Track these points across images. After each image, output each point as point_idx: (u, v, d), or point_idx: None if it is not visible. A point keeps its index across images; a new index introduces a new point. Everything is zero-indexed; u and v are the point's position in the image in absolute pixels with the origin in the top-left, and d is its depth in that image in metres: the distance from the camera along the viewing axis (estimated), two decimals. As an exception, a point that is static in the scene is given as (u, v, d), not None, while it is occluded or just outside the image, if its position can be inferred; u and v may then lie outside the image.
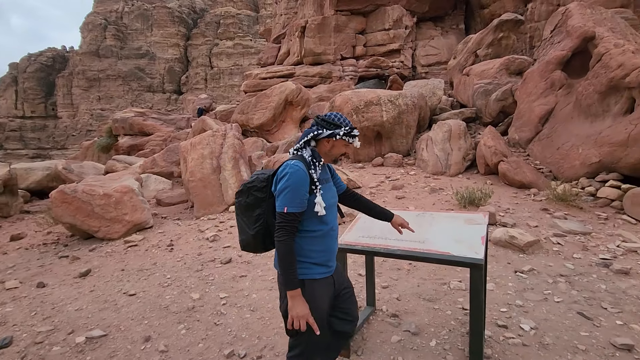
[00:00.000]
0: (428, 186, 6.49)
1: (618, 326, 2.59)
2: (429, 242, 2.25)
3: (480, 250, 2.05)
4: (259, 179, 1.75)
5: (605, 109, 5.82)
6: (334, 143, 1.74)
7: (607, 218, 4.77)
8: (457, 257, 2.05)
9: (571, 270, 3.44)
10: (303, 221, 1.65)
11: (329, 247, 1.76)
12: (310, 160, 1.68)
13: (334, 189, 1.87)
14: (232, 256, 4.29)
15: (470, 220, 2.44)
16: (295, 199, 1.57)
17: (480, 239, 2.18)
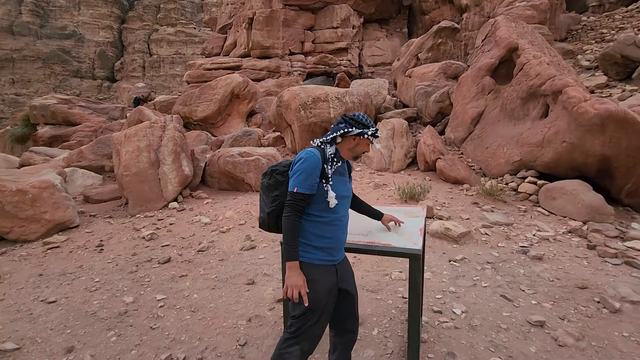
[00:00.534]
0: (372, 182, 6.72)
1: (533, 305, 2.92)
2: (371, 235, 2.32)
3: (418, 242, 2.16)
4: (282, 164, 1.90)
5: (526, 113, 6.51)
6: (359, 141, 1.85)
7: (526, 210, 5.35)
8: (397, 249, 2.14)
9: (496, 258, 3.80)
10: (312, 205, 1.75)
11: (335, 235, 1.82)
12: (330, 156, 1.79)
13: (349, 184, 1.96)
14: (172, 255, 4.04)
15: (410, 213, 2.57)
16: (306, 181, 1.69)
17: (419, 231, 2.30)
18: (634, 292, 3.00)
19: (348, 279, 1.99)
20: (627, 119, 4.73)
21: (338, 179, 1.83)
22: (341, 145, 1.86)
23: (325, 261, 1.79)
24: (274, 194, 1.86)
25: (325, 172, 1.75)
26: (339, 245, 1.89)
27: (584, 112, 5.06)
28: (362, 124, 1.83)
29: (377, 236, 2.30)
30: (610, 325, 2.63)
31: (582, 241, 4.26)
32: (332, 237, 1.81)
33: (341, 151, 1.87)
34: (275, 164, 1.93)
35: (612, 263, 3.67)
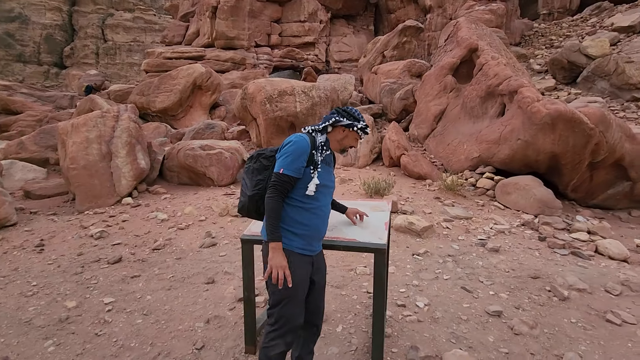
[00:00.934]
0: (338, 177, 6.70)
1: (491, 296, 3.01)
2: (336, 230, 2.25)
3: (383, 236, 2.12)
4: (270, 148, 1.86)
5: (484, 112, 6.78)
6: (348, 134, 1.82)
7: (484, 205, 5.57)
8: (362, 244, 2.09)
9: (457, 251, 3.90)
10: (296, 190, 1.70)
11: (314, 224, 1.76)
12: (320, 144, 1.75)
13: (333, 175, 1.92)
14: (123, 254, 3.74)
15: (376, 207, 2.53)
16: (293, 163, 1.65)
17: (384, 225, 2.26)
18: (580, 281, 3.20)
19: (321, 272, 1.96)
20: (575, 118, 5.04)
21: (325, 168, 1.80)
22: (331, 136, 1.83)
23: (304, 250, 1.74)
24: (257, 178, 1.79)
25: (314, 158, 1.71)
26: (318, 235, 1.84)
27: (536, 111, 5.34)
28: (352, 116, 1.82)
29: (341, 231, 2.23)
30: (560, 313, 2.77)
31: (534, 233, 4.50)
32: (311, 226, 1.75)
33: (330, 142, 1.83)
34: (262, 149, 1.88)
35: (561, 254, 3.89)
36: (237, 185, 6.58)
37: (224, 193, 6.02)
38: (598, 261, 3.75)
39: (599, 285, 3.19)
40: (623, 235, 4.72)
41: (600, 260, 3.79)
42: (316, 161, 1.70)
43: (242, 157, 6.93)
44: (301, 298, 1.74)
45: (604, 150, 5.25)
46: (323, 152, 1.75)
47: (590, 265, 3.61)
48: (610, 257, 3.82)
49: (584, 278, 3.28)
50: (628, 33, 15.02)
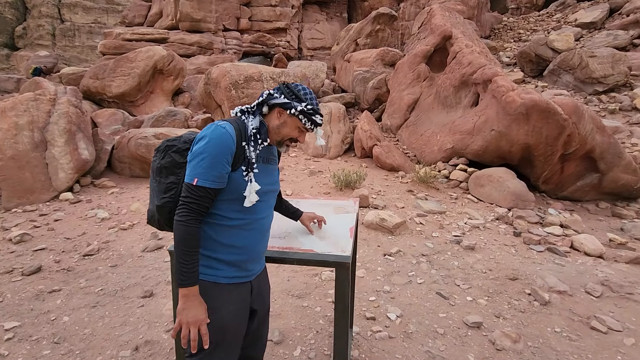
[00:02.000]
0: (308, 169, 6.24)
1: (469, 303, 2.70)
2: (290, 238, 1.79)
3: (347, 247, 1.69)
4: (183, 138, 1.31)
5: (458, 101, 6.51)
6: (286, 119, 1.29)
7: (457, 198, 5.32)
8: (321, 256, 1.65)
9: (431, 250, 3.57)
10: (219, 202, 1.22)
11: (251, 243, 1.30)
12: (252, 132, 1.25)
13: (276, 175, 1.46)
14: (45, 263, 3.11)
15: (340, 208, 2.09)
16: (210, 170, 1.14)
17: (349, 231, 1.84)
18: (560, 282, 2.95)
19: (262, 297, 1.48)
20: (549, 109, 4.84)
21: (263, 168, 1.32)
22: (267, 119, 1.32)
23: (237, 278, 1.29)
24: (169, 181, 1.28)
25: (245, 155, 1.22)
26: (257, 255, 1.36)
27: (511, 101, 5.10)
28: (294, 93, 1.27)
29: (296, 239, 1.78)
30: (543, 320, 2.49)
31: (509, 228, 4.27)
32: (246, 247, 1.29)
33: (268, 130, 1.32)
34: (173, 138, 1.34)
35: (537, 250, 3.66)
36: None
37: (181, 187, 5.41)
38: (574, 257, 3.55)
39: (579, 285, 2.96)
40: (594, 229, 4.60)
41: (576, 256, 3.59)
42: (249, 159, 1.21)
43: (203, 147, 6.30)
44: (234, 343, 1.27)
45: (576, 142, 5.10)
46: (258, 145, 1.25)
47: (567, 263, 3.40)
48: (586, 253, 3.63)
49: (562, 278, 3.04)
50: (590, 29, 15.41)
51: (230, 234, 1.24)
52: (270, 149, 1.39)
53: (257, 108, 1.28)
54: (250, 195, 1.20)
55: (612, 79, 10.95)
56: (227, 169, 1.17)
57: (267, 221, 1.36)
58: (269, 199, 1.36)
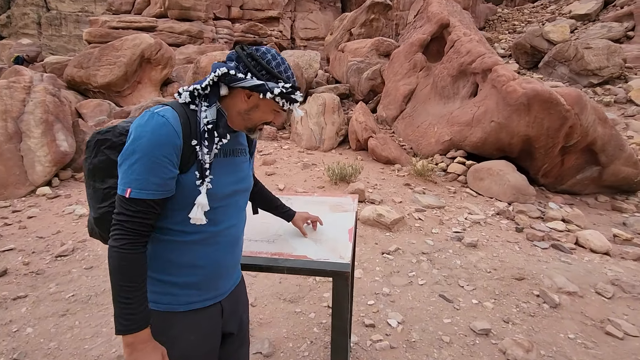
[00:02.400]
0: (301, 161, 5.98)
1: (474, 306, 2.49)
2: (281, 242, 1.54)
3: (346, 253, 1.45)
4: (118, 129, 0.99)
5: (456, 92, 6.27)
6: (258, 102, 0.98)
7: (455, 191, 5.11)
8: (316, 264, 1.40)
9: (431, 247, 3.36)
10: (169, 213, 0.93)
11: (216, 260, 1.02)
12: (206, 127, 0.93)
13: (246, 168, 1.13)
14: (12, 265, 2.82)
15: (337, 206, 1.85)
16: (148, 175, 0.85)
17: (348, 234, 1.59)
18: (568, 282, 2.76)
19: (238, 316, 1.19)
20: (552, 99, 4.63)
21: (226, 164, 1.02)
22: (228, 103, 0.99)
23: (200, 302, 1.01)
24: (106, 186, 0.98)
25: (197, 156, 0.92)
26: (225, 271, 1.09)
27: (512, 90, 4.88)
28: (267, 70, 0.95)
29: (288, 243, 1.54)
30: (554, 325, 2.30)
31: (511, 224, 4.08)
32: (211, 264, 1.01)
33: (229, 114, 1.01)
34: (105, 129, 1.02)
35: (541, 247, 3.48)
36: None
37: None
38: (580, 255, 3.37)
39: (589, 285, 2.77)
40: (596, 223, 4.44)
41: (582, 253, 3.41)
42: (202, 162, 0.92)
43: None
44: None
45: (578, 134, 4.91)
46: (216, 141, 0.95)
47: (573, 261, 3.22)
48: (592, 250, 3.46)
49: (571, 277, 2.85)
50: (584, 21, 15.24)
51: (188, 251, 0.96)
52: (236, 137, 1.10)
53: (212, 92, 0.95)
54: (197, 211, 0.91)
55: (607, 71, 10.80)
56: (172, 172, 0.88)
57: (236, 230, 1.09)
58: (237, 201, 1.08)
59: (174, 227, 0.94)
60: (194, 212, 0.92)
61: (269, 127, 7.66)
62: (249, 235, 1.60)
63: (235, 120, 1.02)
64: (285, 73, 1.01)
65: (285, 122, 8.23)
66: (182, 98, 0.96)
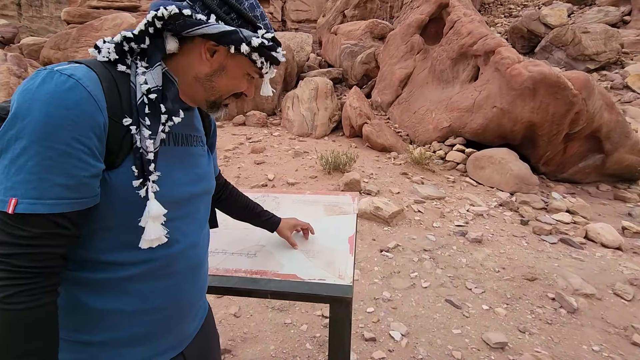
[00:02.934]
0: (292, 149, 5.61)
1: (485, 312, 2.22)
2: (263, 255, 1.21)
3: (346, 269, 1.12)
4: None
5: (455, 76, 5.92)
6: (226, 61, 0.67)
7: (455, 181, 4.83)
8: (307, 287, 1.08)
9: (433, 243, 3.07)
10: (94, 235, 0.59)
11: (173, 296, 0.69)
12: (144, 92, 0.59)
13: (205, 163, 0.79)
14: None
15: (334, 206, 1.51)
16: (49, 174, 0.49)
17: (348, 243, 1.26)
18: (584, 282, 2.51)
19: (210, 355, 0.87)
20: (559, 83, 4.32)
21: (178, 156, 0.70)
22: (179, 64, 0.66)
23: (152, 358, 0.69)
24: None
25: (131, 140, 0.59)
26: (187, 308, 0.75)
27: (517, 74, 4.54)
28: (237, 11, 0.63)
29: (273, 257, 1.20)
30: (575, 334, 2.04)
31: (515, 216, 3.81)
32: (165, 306, 0.68)
33: (180, 81, 0.67)
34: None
35: (550, 242, 3.22)
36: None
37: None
38: (591, 250, 3.12)
39: (605, 286, 2.52)
40: (600, 214, 4.21)
41: (593, 248, 3.17)
42: (143, 151, 0.58)
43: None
44: None
45: (583, 120, 4.63)
46: (163, 120, 0.62)
47: (585, 257, 2.97)
48: (603, 245, 3.22)
49: (586, 277, 2.60)
50: (580, 5, 14.84)
51: (129, 292, 0.62)
52: (191, 117, 0.75)
53: (153, 46, 0.60)
54: (152, 229, 0.58)
55: (604, 56, 10.53)
56: (92, 166, 0.53)
57: (199, 250, 0.75)
58: (196, 209, 0.74)
59: (103, 258, 0.60)
60: (149, 230, 0.58)
61: (259, 113, 7.23)
62: (222, 246, 1.26)
63: (190, 89, 0.68)
64: (263, 20, 0.66)
65: (275, 107, 7.79)
66: (104, 53, 0.60)
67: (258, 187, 4.24)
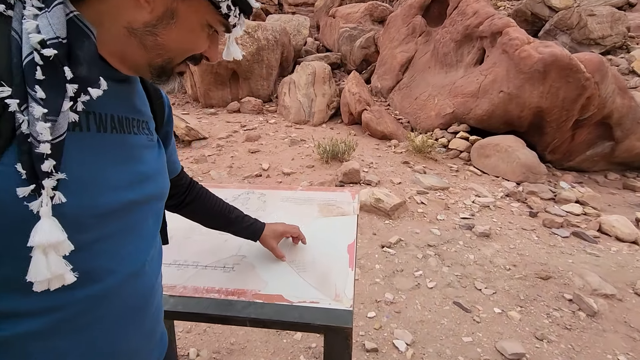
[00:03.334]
0: (288, 137, 5.34)
1: (498, 317, 2.01)
2: (243, 268, 0.98)
3: (345, 290, 0.89)
4: None
5: (459, 59, 5.60)
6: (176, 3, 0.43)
7: (458, 170, 4.59)
8: (297, 312, 0.85)
9: (438, 238, 2.85)
10: None
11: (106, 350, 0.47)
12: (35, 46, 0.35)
13: (155, 160, 0.56)
14: None
15: (330, 206, 1.26)
16: None
17: (347, 253, 1.02)
18: (603, 281, 2.30)
19: None
20: (572, 65, 4.03)
21: (104, 147, 0.46)
22: (100, 6, 0.41)
23: None
24: None
25: (13, 123, 0.35)
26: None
27: (526, 56, 4.25)
28: None
29: (254, 273, 0.97)
30: (598, 342, 1.84)
31: (523, 207, 3.59)
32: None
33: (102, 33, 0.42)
34: None
35: (562, 236, 3.00)
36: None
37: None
38: (606, 244, 2.91)
39: (625, 285, 2.32)
40: (610, 204, 4.00)
41: (607, 242, 2.95)
42: (33, 140, 0.35)
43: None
44: None
45: (594, 106, 4.37)
46: (71, 92, 0.37)
47: (600, 252, 2.76)
48: (618, 238, 3.00)
49: (603, 274, 2.39)
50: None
51: (25, 356, 0.41)
52: (126, 92, 0.52)
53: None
54: (35, 265, 0.37)
55: (610, 40, 10.15)
56: None
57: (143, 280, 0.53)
58: (139, 222, 0.52)
59: None
60: (36, 266, 0.37)
61: (254, 99, 6.92)
62: (192, 257, 1.02)
63: (121, 47, 0.45)
64: None
65: (271, 93, 7.47)
66: None
67: (252, 177, 3.99)
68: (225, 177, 4.01)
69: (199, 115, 6.56)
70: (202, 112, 6.82)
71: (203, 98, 7.17)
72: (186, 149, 5.02)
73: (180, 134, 5.08)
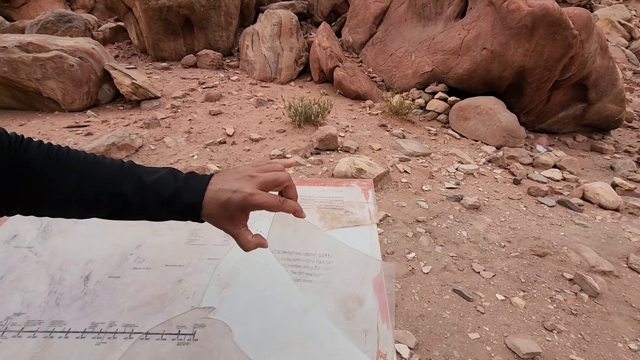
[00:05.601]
0: (254, 97, 4.68)
1: (501, 305, 1.78)
2: (210, 334, 0.54)
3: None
4: None
5: (439, 12, 5.08)
6: None
7: (436, 133, 4.29)
8: None
9: (427, 212, 2.56)
10: None
11: None
12: None
13: None
14: None
15: (334, 209, 0.82)
16: None
17: (374, 291, 0.62)
18: (599, 256, 2.15)
19: None
20: (561, 21, 3.70)
21: None
22: None
23: None
24: None
25: None
26: None
27: (515, 8, 3.84)
28: None
29: (227, 341, 0.54)
30: (605, 327, 1.68)
31: (505, 173, 3.41)
32: None
33: None
34: None
35: (548, 205, 2.85)
36: (97, 111, 4.14)
37: (69, 125, 3.63)
38: (590, 212, 2.81)
39: (617, 258, 2.20)
40: (584, 168, 3.96)
41: (591, 210, 2.85)
42: None
43: (102, 66, 4.33)
44: None
45: (576, 66, 4.15)
46: None
47: (587, 222, 2.64)
48: (601, 206, 2.92)
49: (594, 247, 2.26)
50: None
51: None
52: None
53: None
54: None
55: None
56: None
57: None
58: None
59: None
60: None
61: (212, 52, 6.00)
62: (118, 316, 0.56)
63: None
64: None
65: (232, 46, 6.54)
66: None
67: (215, 144, 3.40)
68: (183, 144, 3.39)
69: (149, 70, 5.60)
70: (152, 66, 5.83)
71: (152, 50, 6.11)
72: (134, 110, 4.23)
73: (126, 92, 4.25)
